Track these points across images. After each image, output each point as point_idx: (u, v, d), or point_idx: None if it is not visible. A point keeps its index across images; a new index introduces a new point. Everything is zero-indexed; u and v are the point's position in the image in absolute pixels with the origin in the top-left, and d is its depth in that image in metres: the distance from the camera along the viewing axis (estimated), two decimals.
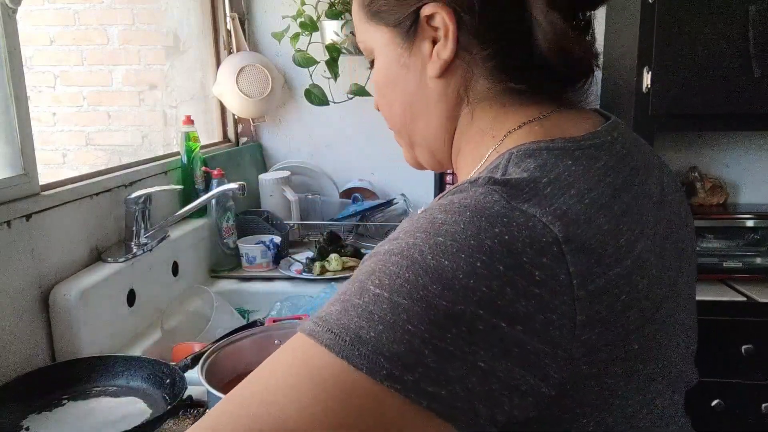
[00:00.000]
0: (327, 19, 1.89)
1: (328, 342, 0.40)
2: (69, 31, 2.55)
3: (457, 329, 0.39)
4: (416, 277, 0.41)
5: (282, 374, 0.41)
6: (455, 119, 0.58)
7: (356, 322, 0.40)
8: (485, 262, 0.41)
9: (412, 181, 2.09)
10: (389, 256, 0.43)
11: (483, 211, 0.43)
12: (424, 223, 0.44)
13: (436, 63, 0.55)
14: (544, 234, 0.42)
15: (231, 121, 2.10)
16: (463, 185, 0.47)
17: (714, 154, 2.00)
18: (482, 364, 0.40)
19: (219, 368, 0.89)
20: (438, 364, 0.39)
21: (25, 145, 1.04)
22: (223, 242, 1.62)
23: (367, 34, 0.61)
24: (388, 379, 0.39)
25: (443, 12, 0.53)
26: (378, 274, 0.42)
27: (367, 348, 0.39)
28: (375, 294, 0.41)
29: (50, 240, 1.08)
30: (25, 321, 1.01)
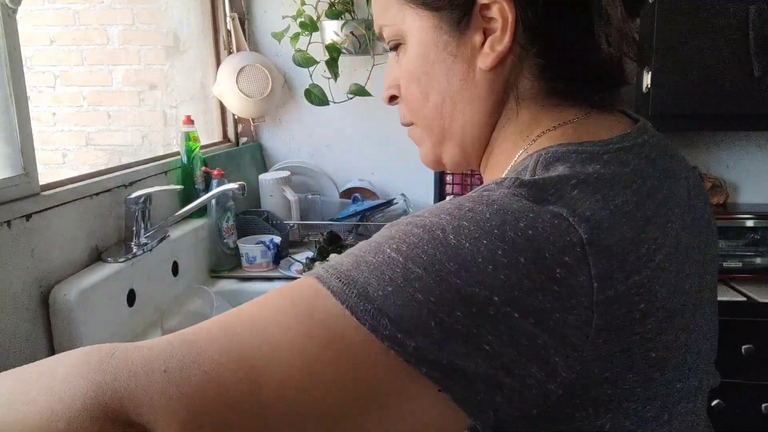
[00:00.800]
0: (327, 19, 1.89)
1: (335, 289, 0.40)
2: (69, 31, 2.55)
3: (466, 309, 0.39)
4: (435, 251, 0.41)
5: (280, 307, 0.41)
6: (497, 116, 0.56)
7: (366, 277, 0.40)
8: (506, 251, 0.40)
9: (412, 181, 2.09)
10: (411, 227, 0.43)
11: (509, 206, 0.43)
12: (450, 207, 0.44)
13: (490, 55, 0.53)
14: (569, 233, 0.42)
15: (231, 121, 2.10)
16: (490, 185, 0.46)
17: (714, 154, 2.00)
18: (487, 347, 0.39)
19: None
20: (442, 336, 0.39)
21: (25, 145, 1.04)
22: (223, 242, 1.62)
23: (398, 17, 0.57)
24: (389, 339, 0.39)
25: (504, 2, 0.51)
26: (397, 241, 0.42)
27: (372, 305, 0.39)
28: (390, 257, 0.41)
29: (50, 240, 1.08)
30: (25, 321, 1.01)
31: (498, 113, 0.56)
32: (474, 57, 0.54)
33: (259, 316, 0.42)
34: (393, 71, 0.62)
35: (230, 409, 0.38)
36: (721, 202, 1.92)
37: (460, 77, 0.55)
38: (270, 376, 0.39)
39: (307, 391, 0.39)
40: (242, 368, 0.39)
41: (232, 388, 0.38)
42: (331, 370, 0.39)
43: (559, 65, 0.53)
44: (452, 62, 0.55)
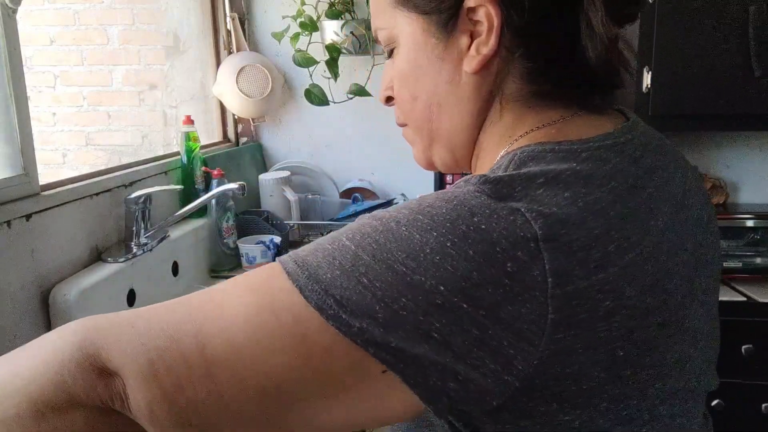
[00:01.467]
0: (327, 19, 1.89)
1: (290, 269, 0.44)
2: (69, 31, 2.55)
3: (413, 297, 0.41)
4: (386, 241, 0.43)
5: (239, 283, 0.45)
6: (483, 117, 0.57)
7: (318, 261, 0.43)
8: (456, 244, 0.41)
9: (412, 181, 2.09)
10: (371, 219, 0.45)
11: (468, 202, 0.44)
12: (415, 203, 0.46)
13: (476, 58, 0.53)
14: (523, 229, 0.42)
15: (231, 121, 2.10)
16: (460, 182, 0.47)
17: (714, 154, 2.00)
18: (436, 335, 0.41)
19: None
20: (388, 321, 0.41)
21: (25, 145, 1.04)
22: (223, 242, 1.62)
23: (391, 20, 0.58)
24: (333, 319, 0.41)
25: (490, 6, 0.51)
26: (353, 231, 0.45)
27: (320, 286, 0.42)
28: (343, 244, 0.44)
29: (50, 240, 1.08)
30: (25, 321, 1.01)
31: (484, 115, 0.56)
32: (460, 60, 0.54)
33: (219, 290, 0.46)
34: (389, 73, 0.63)
35: (181, 363, 0.42)
36: (721, 202, 1.92)
37: (446, 80, 0.56)
38: (217, 338, 0.42)
39: (253, 358, 0.42)
40: (194, 328, 0.43)
41: (183, 343, 0.42)
42: (277, 342, 0.42)
43: (546, 68, 0.53)
44: (439, 65, 0.56)
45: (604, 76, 0.52)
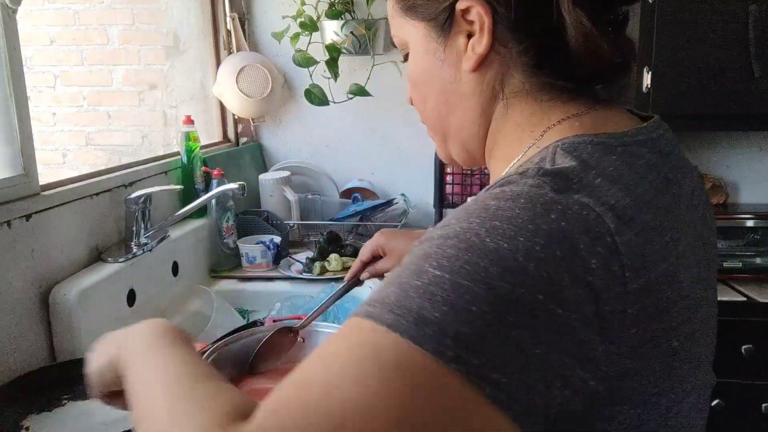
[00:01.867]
0: (327, 19, 1.89)
1: (390, 322, 0.39)
2: (69, 31, 2.54)
3: (517, 313, 0.39)
4: (476, 259, 0.40)
5: (342, 357, 0.40)
6: (490, 114, 0.58)
7: (418, 302, 0.39)
8: (543, 246, 0.40)
9: (412, 181, 2.09)
10: (444, 239, 0.42)
11: (537, 199, 0.43)
12: (476, 209, 0.44)
13: (472, 57, 0.55)
14: (598, 224, 0.42)
15: (231, 121, 2.10)
16: (512, 177, 0.46)
17: (714, 154, 2.00)
18: (538, 351, 0.39)
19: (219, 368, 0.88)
20: (501, 348, 0.38)
21: (25, 145, 1.04)
22: (223, 242, 1.62)
23: (401, 29, 0.61)
24: (454, 361, 0.37)
25: (478, 6, 0.53)
26: (435, 257, 0.42)
27: (431, 328, 0.38)
28: (435, 275, 0.40)
29: (50, 240, 1.08)
30: (25, 321, 1.01)
31: (490, 111, 0.58)
32: (459, 61, 0.57)
33: (332, 379, 0.39)
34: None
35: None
36: (721, 202, 1.92)
37: (449, 80, 0.58)
38: (355, 419, 0.37)
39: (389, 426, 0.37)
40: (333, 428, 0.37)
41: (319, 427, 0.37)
42: (410, 408, 0.37)
43: (544, 61, 0.54)
44: (440, 67, 0.58)
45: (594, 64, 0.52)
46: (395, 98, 2.06)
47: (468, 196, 1.92)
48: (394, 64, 1.97)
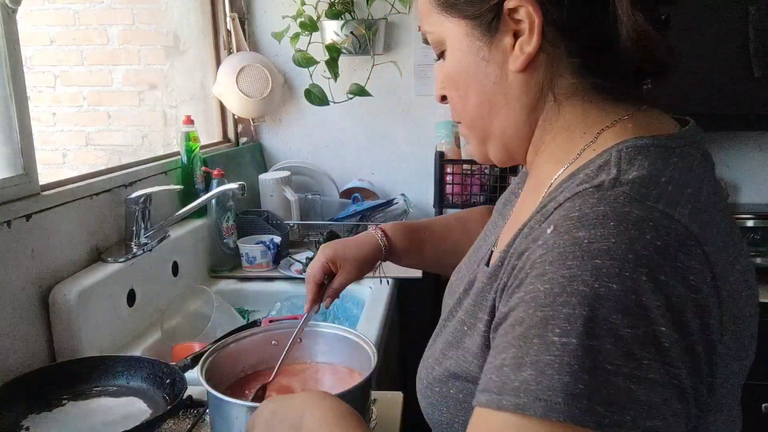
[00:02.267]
0: (327, 19, 1.89)
1: (542, 412, 0.40)
2: (69, 31, 2.54)
3: (649, 354, 0.40)
4: (593, 311, 0.40)
5: None
6: (537, 115, 0.58)
7: (559, 379, 0.40)
8: (649, 275, 0.41)
9: (412, 181, 2.09)
10: (553, 297, 0.42)
11: (625, 218, 0.43)
12: (568, 247, 0.43)
13: (520, 57, 0.54)
14: (687, 236, 0.43)
15: (231, 121, 2.10)
16: (586, 190, 0.47)
17: (714, 154, 1.99)
18: (676, 382, 0.40)
19: (219, 368, 0.88)
20: (647, 395, 0.40)
21: (25, 145, 1.04)
22: (223, 242, 1.62)
23: (438, 26, 0.60)
24: (613, 426, 0.39)
25: (529, 5, 0.52)
26: (554, 322, 0.41)
27: (582, 403, 0.39)
28: (562, 343, 0.41)
29: (50, 240, 1.08)
30: (25, 321, 1.01)
31: (537, 112, 0.58)
32: (505, 60, 0.56)
33: None
34: (440, 73, 0.64)
35: None
36: None
37: (493, 80, 0.57)
38: None
39: None
40: None
41: None
42: None
43: (594, 62, 0.54)
44: (485, 66, 0.57)
45: (647, 65, 0.53)
46: (395, 98, 2.06)
47: (468, 196, 1.91)
48: (394, 64, 1.97)
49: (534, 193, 0.59)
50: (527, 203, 0.61)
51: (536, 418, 0.40)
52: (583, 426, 0.39)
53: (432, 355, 0.64)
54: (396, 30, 2.01)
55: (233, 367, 0.92)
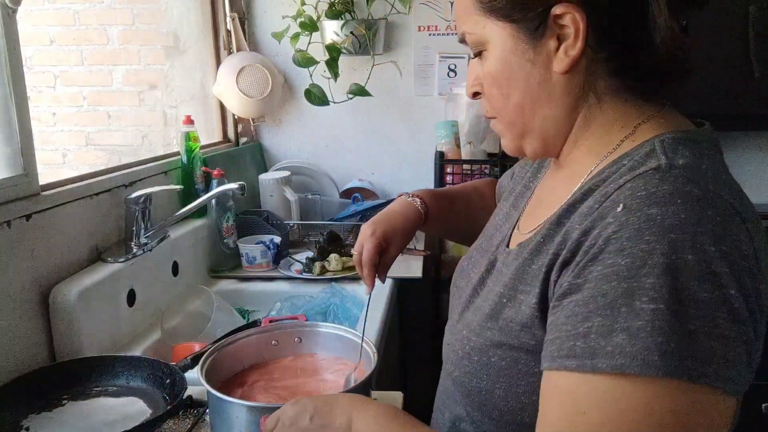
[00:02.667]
0: (327, 19, 1.89)
1: (641, 369, 0.46)
2: (69, 31, 2.54)
3: (723, 314, 0.47)
4: (674, 280, 0.47)
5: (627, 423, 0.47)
6: (578, 112, 0.63)
7: (652, 341, 0.47)
8: (715, 245, 0.48)
9: (412, 181, 2.09)
10: (636, 270, 0.48)
11: (688, 196, 0.50)
12: (643, 223, 0.50)
13: (564, 60, 0.60)
14: (734, 213, 0.51)
15: (231, 121, 2.10)
16: (647, 173, 0.53)
17: None
18: (745, 338, 0.48)
19: (219, 368, 0.89)
20: (723, 350, 0.47)
21: (25, 145, 1.04)
22: (223, 242, 1.62)
23: (480, 28, 0.64)
24: (700, 377, 0.46)
25: (575, 12, 0.57)
26: (640, 292, 0.48)
27: (674, 359, 0.46)
28: (651, 309, 0.47)
29: (50, 240, 1.08)
30: (25, 321, 1.01)
31: (578, 110, 0.63)
32: (549, 61, 0.61)
33: None
34: (475, 71, 0.68)
35: None
36: None
37: (538, 80, 0.62)
38: None
39: None
40: None
41: None
42: None
43: (628, 65, 0.60)
44: (530, 67, 0.62)
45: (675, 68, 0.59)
46: (395, 98, 2.06)
47: None
48: (394, 64, 1.97)
49: (568, 182, 0.65)
50: (558, 190, 0.66)
51: (634, 375, 0.46)
52: (677, 379, 0.46)
53: (466, 327, 0.68)
54: (396, 30, 2.01)
55: (233, 367, 0.92)
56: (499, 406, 0.64)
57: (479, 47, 0.65)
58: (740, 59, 1.59)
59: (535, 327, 0.59)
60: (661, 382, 0.46)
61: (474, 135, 1.88)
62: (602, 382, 0.48)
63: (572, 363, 0.50)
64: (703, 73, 1.73)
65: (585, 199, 0.58)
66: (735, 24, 1.58)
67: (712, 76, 1.62)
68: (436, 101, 2.03)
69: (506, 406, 0.63)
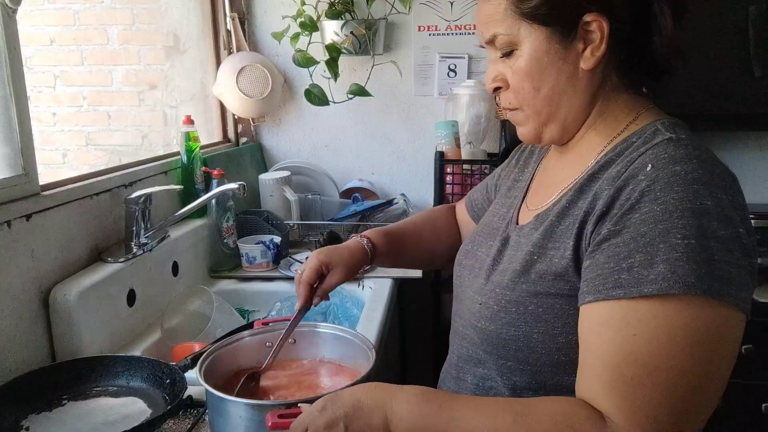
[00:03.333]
0: (327, 19, 1.89)
1: (682, 290, 0.58)
2: (69, 31, 2.54)
3: (737, 248, 0.60)
4: (699, 220, 0.60)
5: (669, 339, 0.59)
6: (595, 102, 0.76)
7: (689, 267, 0.58)
8: (726, 194, 0.62)
9: (412, 181, 2.09)
10: (669, 214, 0.61)
11: (701, 157, 0.65)
12: (671, 177, 0.63)
13: (591, 59, 0.72)
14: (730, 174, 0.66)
15: (231, 121, 2.10)
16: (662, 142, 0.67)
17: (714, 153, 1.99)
18: (750, 267, 0.61)
19: (218, 368, 0.88)
20: (739, 276, 0.60)
21: (25, 145, 1.04)
22: (223, 242, 1.62)
23: (515, 30, 0.74)
24: (724, 295, 0.59)
25: (603, 21, 0.70)
26: (674, 230, 0.60)
27: (706, 281, 0.58)
28: (685, 244, 0.59)
29: (50, 240, 1.08)
30: (25, 321, 1.01)
31: (595, 100, 0.76)
32: (577, 60, 0.73)
33: (679, 357, 0.59)
34: (497, 68, 0.78)
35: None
36: None
37: (567, 76, 0.74)
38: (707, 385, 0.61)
39: (709, 373, 0.60)
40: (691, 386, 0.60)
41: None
42: (702, 345, 0.59)
43: (634, 65, 0.74)
44: (561, 65, 0.73)
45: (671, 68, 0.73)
46: (395, 98, 2.06)
47: None
48: (394, 64, 1.97)
49: (577, 161, 0.77)
50: (567, 169, 0.79)
51: (676, 296, 0.58)
52: (710, 296, 0.58)
53: (498, 286, 0.78)
54: (396, 30, 2.01)
55: (232, 367, 0.92)
56: (536, 349, 0.73)
57: (510, 47, 0.75)
58: (740, 59, 1.59)
59: (569, 275, 0.70)
60: (697, 300, 0.58)
61: (474, 135, 1.88)
62: (648, 305, 0.59)
63: (618, 292, 0.61)
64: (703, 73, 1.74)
65: (606, 169, 0.71)
66: (735, 24, 1.58)
67: (712, 76, 1.62)
68: (436, 101, 2.04)
69: (543, 348, 0.73)
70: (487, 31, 0.76)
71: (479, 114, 1.85)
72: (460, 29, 1.99)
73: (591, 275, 0.65)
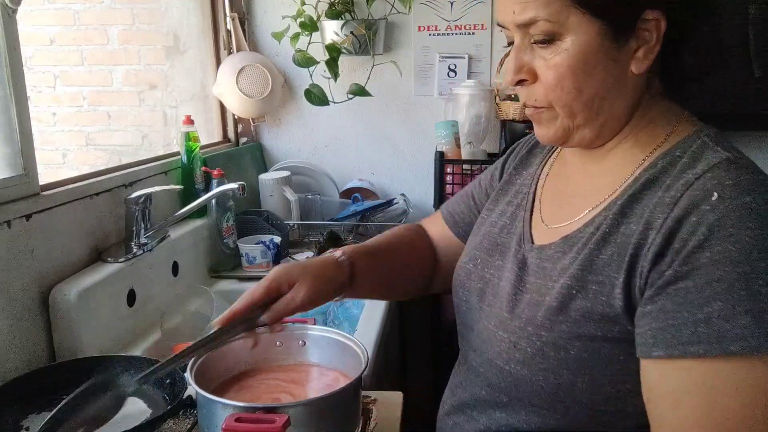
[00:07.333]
0: (327, 19, 1.89)
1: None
2: (69, 31, 2.54)
3: None
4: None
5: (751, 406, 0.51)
6: (635, 108, 0.68)
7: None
8: None
9: (412, 181, 2.09)
10: (747, 254, 0.53)
11: (765, 182, 0.58)
12: (742, 211, 0.55)
13: (644, 62, 0.64)
14: None
15: (231, 121, 2.10)
16: (722, 163, 0.59)
17: None
18: None
19: (210, 369, 0.87)
20: None
21: (25, 145, 1.04)
22: (223, 242, 1.62)
23: (563, 16, 0.62)
24: None
25: (662, 19, 0.62)
26: (755, 275, 0.52)
27: None
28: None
29: (50, 240, 1.08)
30: (25, 321, 1.01)
31: (636, 106, 0.67)
32: (628, 62, 0.64)
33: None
34: (522, 59, 0.66)
35: None
36: None
37: (615, 77, 0.64)
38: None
39: None
40: None
41: None
42: None
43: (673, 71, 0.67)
44: (612, 65, 0.64)
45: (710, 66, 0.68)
46: (395, 98, 2.06)
47: None
48: (394, 64, 1.97)
49: (612, 173, 0.69)
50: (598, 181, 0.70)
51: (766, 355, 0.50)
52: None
53: (530, 323, 0.67)
54: (396, 30, 2.01)
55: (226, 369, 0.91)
56: (580, 400, 0.64)
57: (552, 36, 0.63)
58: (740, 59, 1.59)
59: (619, 316, 0.60)
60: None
61: (474, 135, 1.88)
62: (734, 366, 0.51)
63: (698, 349, 0.52)
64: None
65: (651, 189, 0.62)
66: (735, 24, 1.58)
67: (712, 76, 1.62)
68: (436, 101, 2.03)
69: (589, 399, 0.64)
70: (524, 13, 0.63)
71: (479, 114, 1.85)
72: (460, 29, 1.99)
73: (659, 324, 0.56)
